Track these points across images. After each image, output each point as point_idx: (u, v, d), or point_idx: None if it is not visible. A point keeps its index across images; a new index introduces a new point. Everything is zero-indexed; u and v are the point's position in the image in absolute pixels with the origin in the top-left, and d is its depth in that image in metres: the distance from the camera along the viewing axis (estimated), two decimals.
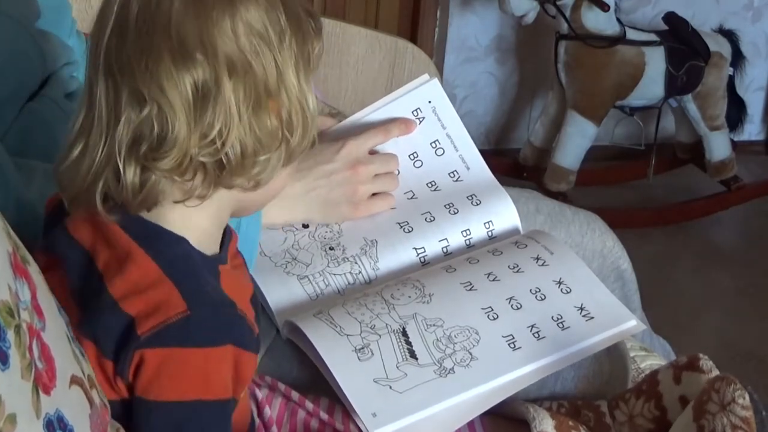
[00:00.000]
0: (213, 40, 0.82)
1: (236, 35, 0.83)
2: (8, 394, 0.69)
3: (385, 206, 1.26)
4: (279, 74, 0.85)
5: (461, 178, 1.30)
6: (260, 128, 0.85)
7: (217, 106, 0.82)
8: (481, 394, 1.08)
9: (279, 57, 0.85)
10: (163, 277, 0.84)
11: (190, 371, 0.83)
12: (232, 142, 0.83)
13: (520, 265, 1.20)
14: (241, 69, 0.83)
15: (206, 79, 0.82)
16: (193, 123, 0.82)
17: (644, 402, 1.10)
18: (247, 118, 0.84)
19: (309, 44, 0.88)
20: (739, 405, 0.98)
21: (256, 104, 0.84)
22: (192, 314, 0.83)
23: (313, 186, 1.21)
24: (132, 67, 0.82)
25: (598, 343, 1.15)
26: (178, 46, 0.82)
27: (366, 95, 2.19)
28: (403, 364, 1.08)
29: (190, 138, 0.82)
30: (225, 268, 0.91)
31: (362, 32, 2.21)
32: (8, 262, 0.75)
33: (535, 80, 3.33)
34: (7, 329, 0.71)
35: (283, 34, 0.85)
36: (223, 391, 0.86)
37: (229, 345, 0.85)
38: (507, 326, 1.13)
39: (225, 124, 0.83)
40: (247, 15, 0.84)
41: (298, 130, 0.88)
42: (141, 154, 0.83)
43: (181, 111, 0.82)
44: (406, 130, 1.28)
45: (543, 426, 1.05)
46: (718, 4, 3.38)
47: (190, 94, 0.82)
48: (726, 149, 3.11)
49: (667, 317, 2.35)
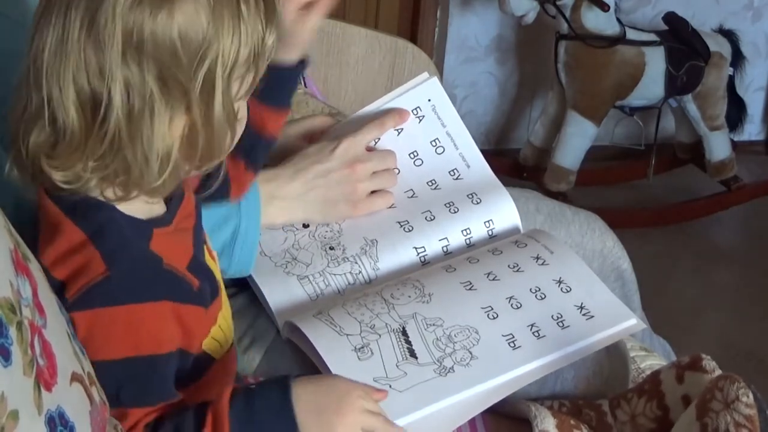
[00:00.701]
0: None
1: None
2: (10, 391, 0.69)
3: (384, 204, 1.26)
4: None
5: (461, 176, 1.30)
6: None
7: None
8: (481, 392, 1.08)
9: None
10: (87, 242, 0.87)
11: (118, 329, 0.86)
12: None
13: (520, 265, 1.20)
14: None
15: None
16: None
17: (646, 401, 1.10)
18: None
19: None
20: (743, 403, 0.98)
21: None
22: (111, 274, 0.86)
23: (311, 186, 1.21)
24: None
25: (598, 342, 1.15)
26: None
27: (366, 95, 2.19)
28: (403, 364, 1.08)
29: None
30: (162, 230, 0.91)
31: (362, 32, 2.21)
32: (10, 259, 0.75)
33: (535, 80, 3.32)
34: (9, 326, 0.71)
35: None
36: (157, 346, 0.88)
37: (163, 300, 0.88)
38: (507, 325, 1.13)
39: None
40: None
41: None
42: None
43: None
44: (401, 120, 1.28)
45: (544, 425, 1.05)
46: (718, 4, 3.37)
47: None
48: (726, 149, 3.11)
49: (667, 317, 2.35)
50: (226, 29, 0.85)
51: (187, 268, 0.93)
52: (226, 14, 0.84)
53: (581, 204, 1.62)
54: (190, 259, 0.94)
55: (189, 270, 0.93)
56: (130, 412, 0.88)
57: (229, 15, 0.85)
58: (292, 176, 1.21)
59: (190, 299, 0.91)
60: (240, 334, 1.17)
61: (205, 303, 0.94)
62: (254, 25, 0.86)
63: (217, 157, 0.90)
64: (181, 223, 0.94)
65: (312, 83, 1.99)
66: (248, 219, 1.14)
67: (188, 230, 0.96)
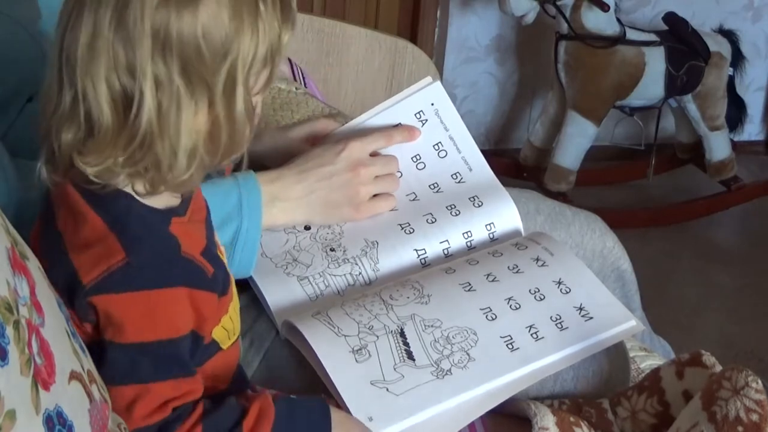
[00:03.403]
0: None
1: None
2: (7, 390, 0.69)
3: (386, 207, 1.26)
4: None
5: (463, 179, 1.30)
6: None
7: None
8: (478, 396, 1.07)
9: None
10: (107, 231, 0.90)
11: (135, 315, 0.89)
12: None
13: (520, 266, 1.20)
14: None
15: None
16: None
17: (647, 398, 1.10)
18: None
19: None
20: (753, 389, 0.98)
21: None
22: (131, 260, 0.89)
23: (313, 188, 1.21)
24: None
25: (597, 343, 1.15)
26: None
27: (366, 95, 2.19)
28: (401, 366, 1.07)
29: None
30: (179, 219, 0.94)
31: (362, 32, 2.21)
32: (7, 258, 0.75)
33: (535, 80, 3.33)
34: (6, 325, 0.71)
35: None
36: (173, 331, 0.91)
37: (180, 287, 0.91)
38: (505, 327, 1.13)
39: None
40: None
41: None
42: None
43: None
44: (410, 138, 1.29)
45: (544, 422, 1.05)
46: (718, 4, 3.37)
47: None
48: (726, 149, 3.11)
49: (667, 317, 2.36)
50: (246, 27, 0.88)
51: (201, 255, 0.95)
52: (245, 12, 0.88)
53: (581, 204, 1.62)
54: (203, 248, 0.97)
55: (203, 257, 0.95)
56: (151, 388, 0.90)
57: (248, 13, 0.88)
58: (296, 177, 1.21)
59: (205, 285, 0.94)
60: (240, 334, 1.18)
61: (218, 290, 0.96)
62: (271, 23, 0.90)
63: (237, 151, 0.93)
64: (194, 215, 0.97)
65: (312, 83, 1.99)
66: (249, 220, 1.14)
67: (201, 222, 0.98)
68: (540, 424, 1.05)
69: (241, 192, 1.15)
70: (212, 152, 0.90)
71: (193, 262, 0.93)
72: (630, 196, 3.24)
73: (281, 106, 1.66)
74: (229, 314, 1.00)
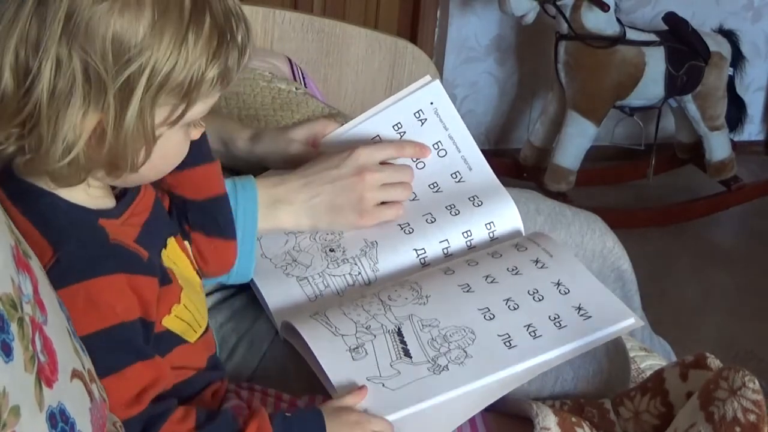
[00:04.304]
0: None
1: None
2: (12, 386, 0.69)
3: (392, 215, 1.24)
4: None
5: (463, 179, 1.30)
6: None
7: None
8: (476, 390, 1.07)
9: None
10: (33, 230, 0.91)
11: (78, 308, 0.89)
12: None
13: (519, 268, 1.20)
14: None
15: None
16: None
17: (650, 398, 1.10)
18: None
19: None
20: (750, 389, 0.98)
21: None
22: (59, 257, 0.90)
23: (317, 192, 1.21)
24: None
25: (595, 340, 1.14)
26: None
27: (366, 95, 2.19)
28: (397, 363, 1.07)
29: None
30: (107, 221, 0.95)
31: (362, 32, 2.21)
32: (11, 256, 0.75)
33: (535, 80, 3.33)
34: (11, 322, 0.71)
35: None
36: (119, 317, 0.91)
37: (116, 274, 0.91)
38: (503, 326, 1.13)
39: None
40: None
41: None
42: None
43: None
44: (421, 155, 1.28)
45: (546, 422, 1.05)
46: (718, 4, 3.38)
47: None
48: (726, 149, 3.11)
49: (667, 317, 2.36)
50: (163, 47, 0.88)
51: (135, 242, 0.95)
52: (167, 34, 0.88)
53: (581, 204, 1.62)
54: (136, 237, 0.97)
55: (137, 243, 0.95)
56: (119, 377, 0.90)
57: (171, 35, 0.88)
58: (301, 181, 1.21)
59: (141, 270, 0.94)
60: (240, 335, 1.18)
61: (158, 275, 0.96)
62: (197, 55, 0.89)
63: (125, 169, 0.92)
64: (129, 219, 0.97)
65: (312, 83, 1.99)
66: (244, 229, 1.14)
67: (137, 226, 0.98)
68: (542, 424, 1.05)
69: (237, 199, 1.15)
70: (93, 158, 0.90)
71: (124, 247, 0.93)
72: (630, 196, 3.24)
73: (281, 106, 1.65)
74: (183, 304, 0.99)
